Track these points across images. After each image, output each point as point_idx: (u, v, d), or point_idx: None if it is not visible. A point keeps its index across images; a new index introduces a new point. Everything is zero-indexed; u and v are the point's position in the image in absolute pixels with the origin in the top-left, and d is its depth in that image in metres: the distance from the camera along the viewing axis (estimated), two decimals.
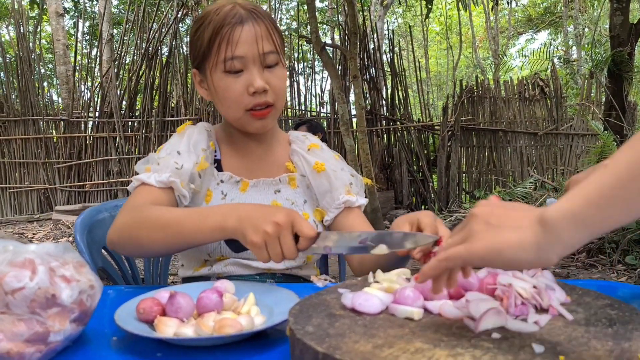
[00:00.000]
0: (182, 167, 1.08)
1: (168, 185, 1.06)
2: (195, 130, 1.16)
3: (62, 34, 10.14)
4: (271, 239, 0.82)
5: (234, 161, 1.18)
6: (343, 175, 1.20)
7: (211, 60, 1.07)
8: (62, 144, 7.00)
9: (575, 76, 9.72)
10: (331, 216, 1.18)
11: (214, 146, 1.18)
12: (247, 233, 0.83)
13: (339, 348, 0.52)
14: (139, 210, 0.99)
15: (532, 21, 18.43)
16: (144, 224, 0.95)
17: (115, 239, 0.99)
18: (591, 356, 0.50)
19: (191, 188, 1.10)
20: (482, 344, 0.53)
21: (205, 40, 1.06)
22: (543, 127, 7.63)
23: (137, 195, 1.05)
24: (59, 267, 0.69)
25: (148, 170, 1.08)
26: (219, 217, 0.89)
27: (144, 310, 0.73)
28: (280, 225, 0.82)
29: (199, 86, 1.16)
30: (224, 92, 1.08)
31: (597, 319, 0.60)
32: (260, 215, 0.84)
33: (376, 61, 7.68)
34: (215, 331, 0.68)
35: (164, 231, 0.93)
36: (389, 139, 7.70)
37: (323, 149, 1.24)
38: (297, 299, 0.76)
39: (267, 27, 1.07)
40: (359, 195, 1.21)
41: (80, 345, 0.72)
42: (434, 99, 17.23)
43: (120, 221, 0.99)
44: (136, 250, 1.00)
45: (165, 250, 1.00)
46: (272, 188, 1.18)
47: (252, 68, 1.06)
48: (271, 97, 1.08)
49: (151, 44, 7.11)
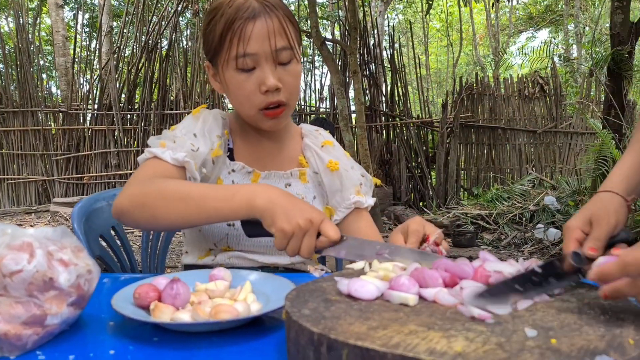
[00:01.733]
0: (198, 150, 1.06)
1: (181, 165, 1.03)
2: (210, 115, 1.14)
3: (62, 26, 10.11)
4: (299, 233, 0.83)
5: (246, 152, 1.17)
6: (353, 174, 1.20)
7: (223, 55, 1.05)
8: (60, 136, 6.99)
9: (575, 74, 9.72)
10: (340, 216, 1.18)
11: (228, 135, 1.16)
12: (278, 218, 0.83)
13: (334, 329, 0.52)
14: (154, 180, 0.96)
15: (533, 19, 18.41)
16: (162, 194, 0.92)
17: (126, 207, 0.95)
18: (583, 340, 0.50)
19: (202, 172, 1.08)
20: (476, 327, 0.53)
21: (217, 35, 1.04)
22: (542, 125, 7.64)
23: (149, 168, 1.02)
24: (57, 251, 0.69)
25: (163, 145, 1.05)
26: (248, 194, 0.87)
27: (139, 295, 0.73)
28: (312, 223, 0.83)
29: (212, 79, 1.14)
30: (235, 89, 1.06)
31: (589, 308, 0.61)
32: (293, 206, 0.84)
33: (376, 57, 7.68)
34: (212, 317, 0.69)
35: (185, 203, 0.90)
36: (388, 135, 7.71)
37: (335, 146, 1.24)
38: (293, 287, 0.76)
39: (280, 21, 1.03)
40: (367, 195, 1.21)
41: (77, 329, 0.72)
42: (433, 95, 17.23)
43: (132, 190, 0.96)
44: (147, 220, 0.95)
45: (181, 223, 0.95)
46: (283, 181, 1.17)
47: (264, 65, 1.03)
48: (284, 95, 1.05)
49: (151, 37, 7.09)
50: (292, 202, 0.86)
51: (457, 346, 0.48)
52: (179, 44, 7.42)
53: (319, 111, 7.90)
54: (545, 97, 7.72)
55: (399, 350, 0.47)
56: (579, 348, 0.48)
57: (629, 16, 6.30)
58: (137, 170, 1.04)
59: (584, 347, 0.48)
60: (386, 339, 0.50)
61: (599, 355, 0.46)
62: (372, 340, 0.49)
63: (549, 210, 5.41)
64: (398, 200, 7.38)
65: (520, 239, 5.08)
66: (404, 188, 7.43)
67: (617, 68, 6.24)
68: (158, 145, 1.05)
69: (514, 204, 5.80)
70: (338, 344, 0.50)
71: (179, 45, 7.37)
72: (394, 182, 7.51)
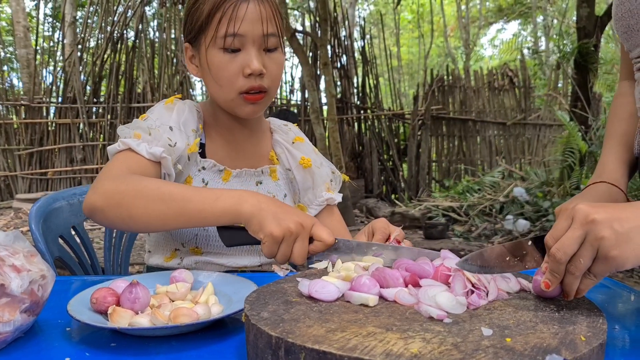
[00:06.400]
0: (176, 145, 1.02)
1: (158, 160, 0.99)
2: (185, 107, 1.09)
3: (23, 16, 9.77)
4: (290, 237, 0.81)
5: (218, 148, 1.13)
6: (324, 171, 1.20)
7: (209, 35, 1.01)
8: (22, 130, 6.79)
9: (543, 67, 9.92)
10: (312, 213, 1.17)
11: (202, 129, 1.12)
12: (267, 223, 0.81)
13: (292, 332, 0.52)
14: (132, 178, 0.91)
15: (503, 11, 18.67)
16: (141, 192, 0.88)
17: (100, 205, 0.89)
18: (537, 338, 0.51)
19: (177, 169, 1.04)
20: (434, 328, 0.54)
21: (204, 13, 1.01)
22: (511, 117, 7.78)
23: (122, 161, 0.97)
24: (8, 257, 0.67)
25: (137, 136, 1.00)
26: (233, 199, 0.84)
27: (97, 300, 0.71)
28: (303, 227, 0.81)
29: (189, 62, 1.10)
30: (217, 70, 1.02)
31: (545, 305, 0.62)
32: (283, 210, 0.83)
33: (347, 49, 7.68)
34: (171, 320, 0.67)
35: (165, 204, 0.87)
36: (360, 128, 7.73)
37: (306, 142, 1.22)
38: (255, 288, 0.76)
39: (272, 8, 1.03)
40: (336, 191, 1.22)
41: (31, 336, 0.70)
42: (405, 87, 17.35)
43: (106, 186, 0.90)
44: (122, 220, 0.90)
45: (159, 225, 0.90)
46: (254, 179, 1.14)
47: (250, 48, 1.01)
48: (266, 82, 1.03)
49: (116, 28, 6.92)
50: (281, 207, 0.84)
51: (414, 348, 0.48)
52: (146, 34, 7.27)
53: (289, 103, 7.86)
54: (515, 89, 7.87)
55: (355, 353, 0.47)
56: (532, 347, 0.49)
57: (594, 10, 6.45)
58: (109, 163, 0.98)
59: (537, 345, 0.49)
60: (344, 342, 0.49)
61: (550, 354, 0.47)
62: (330, 344, 0.49)
63: (518, 202, 5.53)
64: (370, 193, 7.43)
65: (491, 230, 5.18)
66: (375, 181, 7.48)
67: (584, 61, 6.40)
68: (131, 135, 1.00)
69: (485, 196, 5.90)
70: (296, 347, 0.49)
71: (146, 36, 7.22)
72: (365, 174, 7.55)
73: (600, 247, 0.58)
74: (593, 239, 0.58)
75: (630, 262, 0.58)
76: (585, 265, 0.59)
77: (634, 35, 0.92)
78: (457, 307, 0.58)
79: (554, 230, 0.62)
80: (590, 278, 0.60)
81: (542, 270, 0.63)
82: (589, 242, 0.59)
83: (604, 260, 0.58)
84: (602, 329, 0.54)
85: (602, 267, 0.59)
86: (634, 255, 0.57)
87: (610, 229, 0.58)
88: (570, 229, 0.60)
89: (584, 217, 0.59)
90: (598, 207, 0.60)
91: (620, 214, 0.58)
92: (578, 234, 0.59)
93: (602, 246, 0.58)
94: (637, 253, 0.57)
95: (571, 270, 0.60)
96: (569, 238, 0.60)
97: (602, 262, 0.59)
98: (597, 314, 0.59)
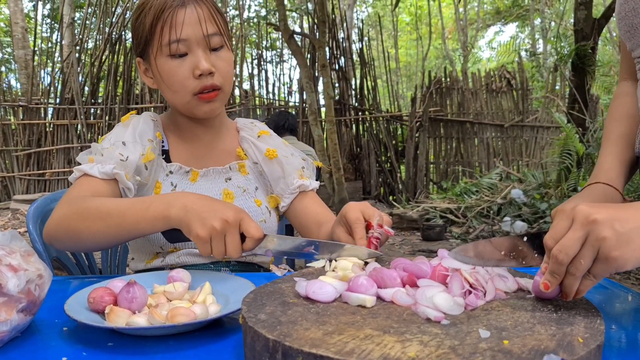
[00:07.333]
0: (127, 159, 1.04)
1: (112, 177, 1.02)
2: (140, 120, 1.13)
3: (21, 17, 9.75)
4: (217, 235, 0.81)
5: (182, 151, 1.16)
6: (294, 160, 1.21)
7: (154, 45, 1.05)
8: (20, 131, 6.77)
9: (541, 69, 9.94)
10: (287, 202, 1.19)
11: (161, 136, 1.15)
12: (193, 225, 0.82)
13: (289, 335, 0.52)
14: (78, 201, 0.94)
15: (501, 13, 18.71)
16: (83, 215, 0.91)
17: (52, 231, 0.94)
18: (534, 340, 0.51)
19: (137, 180, 1.07)
20: (431, 330, 0.53)
21: (147, 26, 1.04)
22: (509, 119, 7.79)
23: (78, 187, 1.01)
24: (5, 256, 0.67)
25: (91, 160, 1.04)
26: (162, 205, 0.86)
27: (94, 299, 0.71)
28: (228, 223, 0.82)
29: (143, 75, 1.14)
30: (169, 76, 1.05)
31: (543, 305, 0.62)
32: (208, 208, 0.83)
33: (345, 51, 7.68)
34: (168, 320, 0.67)
35: (104, 222, 0.89)
36: (358, 129, 7.74)
37: (272, 135, 1.25)
38: (253, 288, 0.75)
39: (209, 9, 1.06)
40: (311, 178, 1.22)
41: (28, 336, 0.70)
42: (403, 89, 17.37)
43: (58, 213, 0.95)
44: (74, 243, 0.95)
45: (105, 242, 0.94)
46: (223, 176, 1.17)
47: (196, 50, 1.04)
48: (218, 79, 1.06)
49: (115, 29, 6.92)
50: (207, 205, 0.84)
51: (411, 351, 0.48)
52: None
53: (287, 105, 7.86)
54: (512, 91, 7.88)
55: (352, 357, 0.47)
56: (530, 349, 0.49)
57: (592, 12, 6.47)
58: (68, 190, 1.02)
59: (535, 347, 0.49)
60: (341, 345, 0.49)
61: (547, 355, 0.47)
62: (327, 347, 0.49)
63: (515, 204, 5.53)
64: (368, 195, 7.43)
65: (488, 232, 5.18)
66: (373, 182, 7.48)
67: (581, 63, 6.41)
68: (87, 161, 1.04)
69: (482, 198, 5.91)
70: (293, 350, 0.49)
71: None
72: (363, 176, 7.55)
73: (601, 247, 0.58)
74: (594, 239, 0.58)
75: (631, 264, 0.57)
76: (586, 266, 0.59)
77: (637, 34, 0.92)
78: (455, 308, 0.58)
79: (553, 231, 0.62)
80: (590, 279, 0.60)
81: (542, 271, 0.63)
82: (590, 243, 0.58)
83: (605, 261, 0.58)
84: (599, 330, 0.54)
85: (602, 268, 0.59)
86: (635, 256, 0.57)
87: (611, 230, 0.57)
88: (571, 230, 0.60)
89: (584, 218, 0.59)
90: (599, 208, 0.59)
91: (621, 214, 0.58)
92: (579, 234, 0.59)
93: (603, 247, 0.58)
94: (638, 254, 0.57)
95: (571, 271, 0.60)
96: (570, 239, 0.59)
97: (603, 263, 0.58)
98: (595, 315, 0.59)
